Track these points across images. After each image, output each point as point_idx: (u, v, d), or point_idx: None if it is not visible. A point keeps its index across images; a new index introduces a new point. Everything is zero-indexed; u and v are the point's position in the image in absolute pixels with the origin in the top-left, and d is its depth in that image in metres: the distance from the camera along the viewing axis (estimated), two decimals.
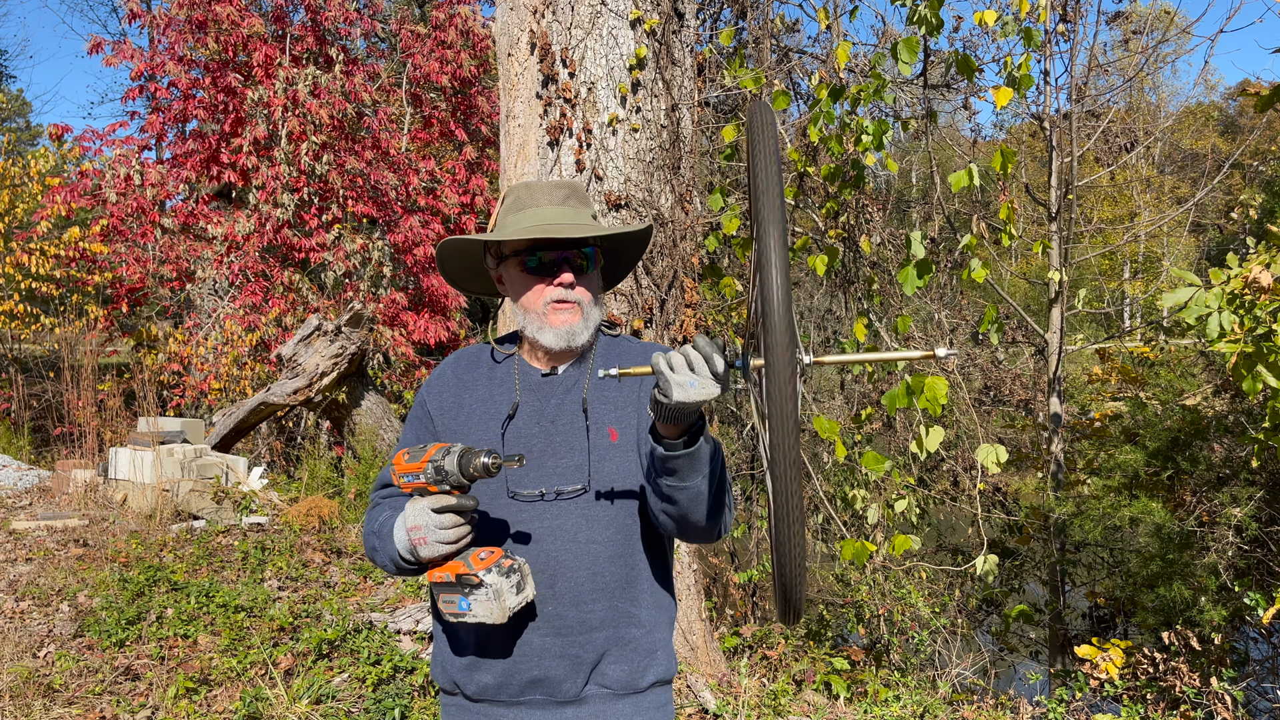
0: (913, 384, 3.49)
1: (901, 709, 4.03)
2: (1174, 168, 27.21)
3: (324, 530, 5.53)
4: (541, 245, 1.54)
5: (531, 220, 1.55)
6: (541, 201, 1.58)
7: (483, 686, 1.54)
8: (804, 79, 7.10)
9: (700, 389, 1.20)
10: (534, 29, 3.92)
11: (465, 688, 1.56)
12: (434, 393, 1.67)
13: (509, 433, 1.58)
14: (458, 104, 13.58)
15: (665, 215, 4.06)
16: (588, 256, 1.57)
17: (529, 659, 1.51)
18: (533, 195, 1.59)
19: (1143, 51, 8.84)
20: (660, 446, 1.34)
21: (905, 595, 5.73)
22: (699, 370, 1.22)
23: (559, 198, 1.59)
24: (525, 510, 1.53)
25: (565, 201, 1.58)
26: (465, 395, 1.65)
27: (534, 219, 1.55)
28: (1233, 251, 4.37)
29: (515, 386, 1.62)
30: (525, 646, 1.52)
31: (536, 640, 1.51)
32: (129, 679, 3.57)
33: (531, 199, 1.59)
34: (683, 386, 1.21)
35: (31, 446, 8.68)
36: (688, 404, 1.22)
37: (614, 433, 1.57)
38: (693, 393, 1.21)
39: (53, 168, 11.14)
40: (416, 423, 1.68)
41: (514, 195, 1.62)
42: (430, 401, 1.66)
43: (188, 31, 10.55)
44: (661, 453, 1.34)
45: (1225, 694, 4.28)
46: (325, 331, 7.48)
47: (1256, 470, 5.83)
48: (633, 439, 1.57)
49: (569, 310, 1.56)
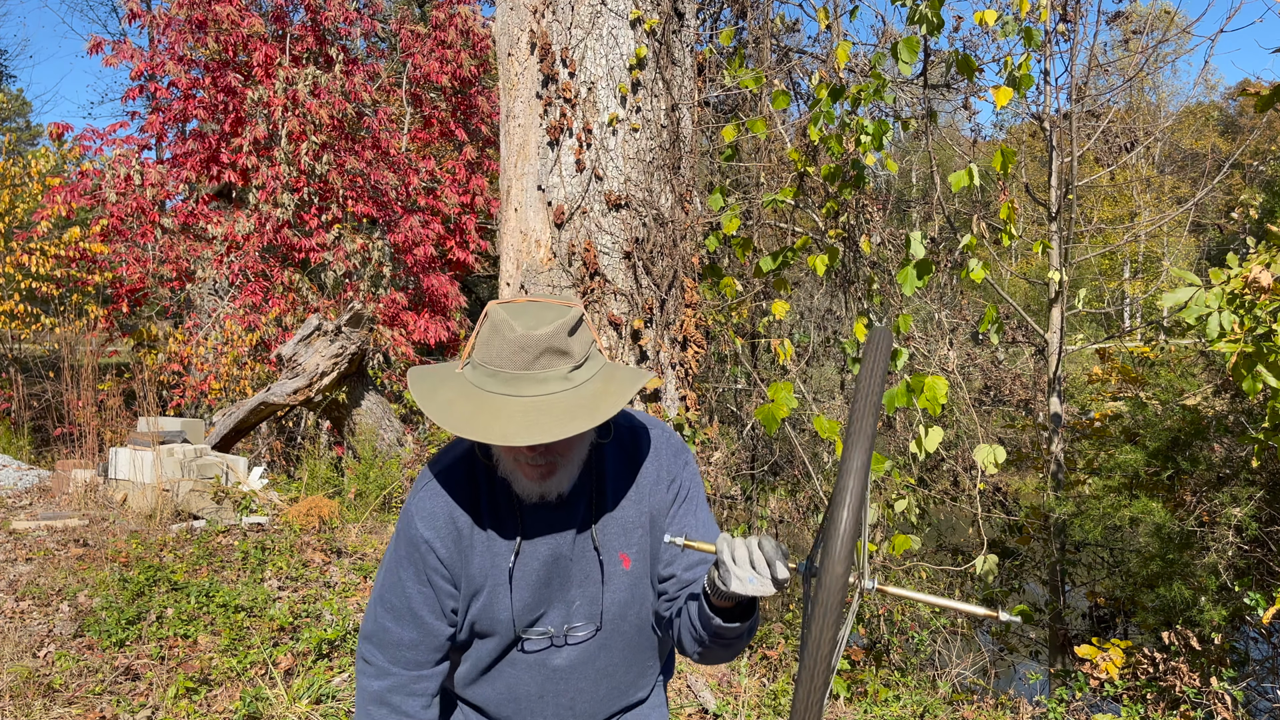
0: (913, 384, 3.49)
1: (901, 709, 4.03)
2: (1174, 168, 27.21)
3: (324, 530, 5.53)
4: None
5: (494, 385, 1.33)
6: (505, 364, 1.32)
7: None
8: (804, 79, 7.10)
9: (758, 587, 1.23)
10: (534, 29, 3.92)
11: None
12: (440, 537, 1.46)
13: (516, 578, 1.47)
14: (458, 104, 13.59)
15: (665, 215, 4.06)
16: None
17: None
18: (499, 353, 1.33)
19: (1143, 51, 8.84)
20: (718, 617, 1.35)
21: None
22: (760, 570, 1.23)
23: (526, 360, 1.32)
24: (537, 657, 1.52)
25: (533, 364, 1.32)
26: (465, 537, 1.47)
27: (498, 385, 1.33)
28: (1233, 251, 4.37)
29: (517, 516, 1.47)
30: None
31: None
32: (129, 679, 3.57)
33: (497, 358, 1.33)
34: (741, 581, 1.23)
35: (31, 446, 8.68)
36: (742, 596, 1.25)
37: (626, 559, 1.50)
38: (750, 588, 1.23)
39: (53, 168, 11.14)
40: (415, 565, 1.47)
41: (485, 335, 1.36)
42: (439, 547, 1.46)
43: (188, 31, 10.56)
44: (718, 624, 1.35)
45: (1225, 694, 4.28)
46: (325, 331, 7.49)
47: (1256, 470, 5.83)
48: (646, 561, 1.53)
49: (540, 469, 1.38)
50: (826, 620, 0.99)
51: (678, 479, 1.55)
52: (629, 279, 4.01)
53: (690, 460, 1.59)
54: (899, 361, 3.95)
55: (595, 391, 1.35)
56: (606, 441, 1.51)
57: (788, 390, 3.57)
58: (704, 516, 1.56)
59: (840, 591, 0.98)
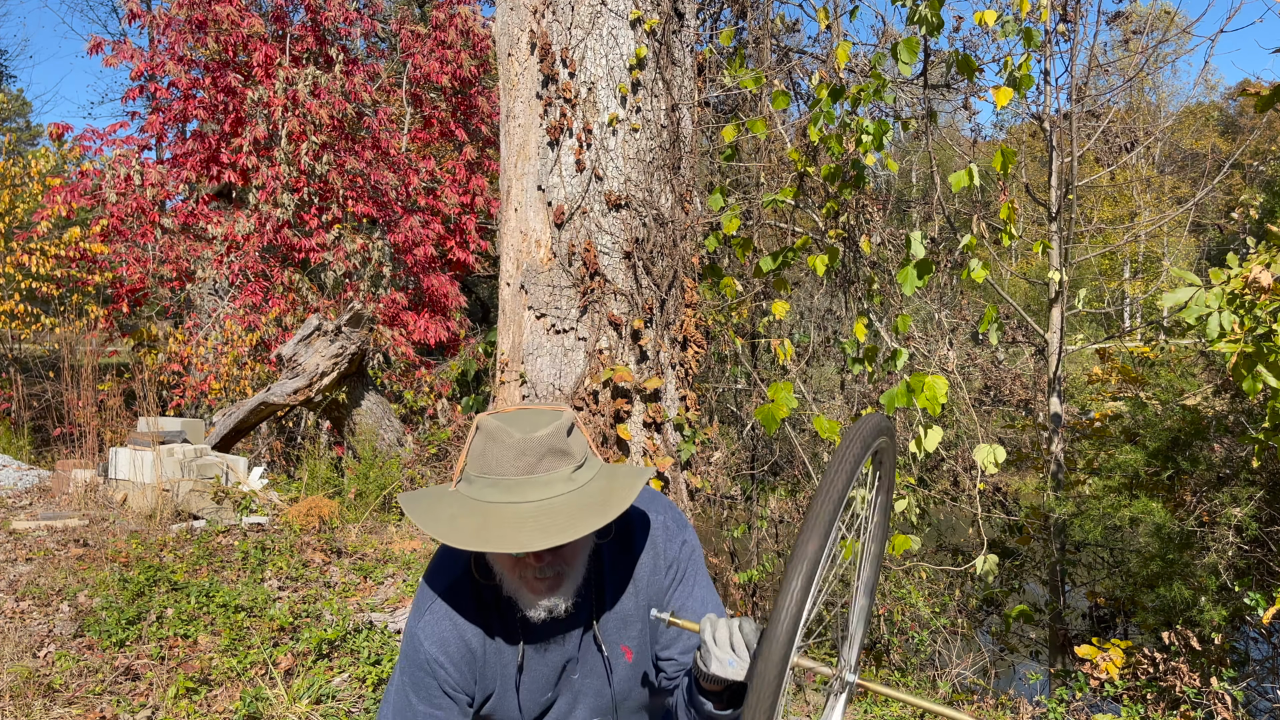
0: (912, 383, 3.49)
1: (901, 709, 4.03)
2: (1174, 168, 27.21)
3: (324, 530, 5.53)
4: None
5: (495, 495, 1.30)
6: (508, 470, 1.30)
7: None
8: (804, 79, 7.10)
9: (736, 670, 1.23)
10: (534, 29, 3.92)
11: None
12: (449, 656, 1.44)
13: (523, 687, 1.47)
14: (458, 104, 13.59)
15: (665, 215, 4.06)
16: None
17: None
18: (499, 460, 1.31)
19: (1143, 51, 8.84)
20: (708, 701, 1.35)
21: (905, 595, 5.73)
22: (739, 653, 1.23)
23: (528, 464, 1.30)
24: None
25: (536, 468, 1.30)
26: (478, 655, 1.46)
27: (499, 494, 1.30)
28: (1233, 251, 4.37)
29: (517, 629, 1.45)
30: None
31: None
32: (129, 679, 3.57)
33: (498, 465, 1.31)
34: (721, 662, 1.24)
35: (31, 446, 8.68)
36: (723, 679, 1.25)
37: (629, 652, 1.51)
38: (729, 671, 1.23)
39: (53, 168, 11.14)
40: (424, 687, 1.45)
41: (480, 446, 1.34)
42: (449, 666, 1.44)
43: (188, 31, 10.56)
44: (708, 709, 1.36)
45: (1225, 694, 4.28)
46: (325, 331, 7.49)
47: (1256, 470, 5.83)
48: (648, 650, 1.54)
49: (547, 584, 1.36)
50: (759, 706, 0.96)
51: (675, 563, 1.53)
52: (629, 279, 4.01)
53: (689, 537, 1.56)
54: (899, 361, 3.95)
55: (601, 489, 1.34)
56: (606, 541, 1.48)
57: (788, 390, 3.57)
58: (701, 594, 1.54)
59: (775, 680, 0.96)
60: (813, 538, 0.99)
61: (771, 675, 0.95)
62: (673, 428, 4.21)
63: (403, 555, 5.23)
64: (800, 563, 0.97)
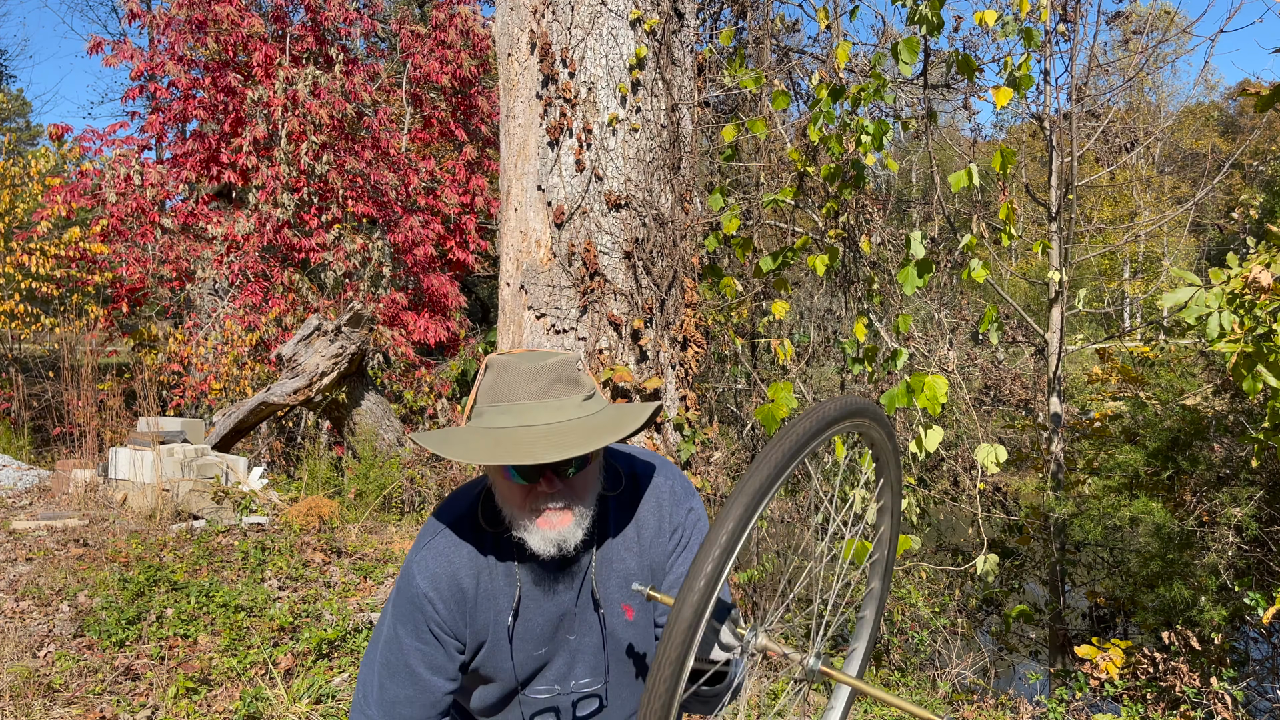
0: (912, 383, 3.49)
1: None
2: (1174, 168, 27.21)
3: (324, 530, 5.53)
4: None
5: (508, 420, 1.33)
6: (520, 394, 1.34)
7: None
8: (804, 79, 7.10)
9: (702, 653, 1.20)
10: (534, 29, 3.92)
11: None
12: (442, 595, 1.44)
13: (516, 635, 1.47)
14: (458, 104, 13.59)
15: (665, 215, 4.06)
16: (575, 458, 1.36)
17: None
18: (511, 386, 1.35)
19: (1143, 51, 8.84)
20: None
21: (905, 595, 5.73)
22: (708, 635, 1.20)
23: (540, 388, 1.34)
24: (545, 700, 1.51)
25: (548, 391, 1.34)
26: (469, 602, 1.46)
27: (510, 418, 1.33)
28: (1233, 251, 4.37)
29: (516, 578, 1.45)
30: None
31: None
32: (129, 679, 3.57)
33: (510, 390, 1.34)
34: None
35: (31, 446, 8.68)
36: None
37: (629, 610, 1.49)
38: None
39: (53, 168, 11.14)
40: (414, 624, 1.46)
41: (492, 377, 1.38)
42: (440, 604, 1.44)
43: (188, 31, 10.56)
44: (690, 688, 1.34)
45: (1225, 694, 4.28)
46: (325, 331, 7.49)
47: (1256, 470, 5.83)
48: (649, 611, 1.52)
49: (558, 514, 1.36)
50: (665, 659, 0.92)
51: (680, 527, 1.53)
52: (629, 279, 4.01)
53: (696, 505, 1.56)
54: (899, 361, 3.95)
55: (611, 417, 1.36)
56: (615, 494, 1.49)
57: (788, 390, 3.57)
58: None
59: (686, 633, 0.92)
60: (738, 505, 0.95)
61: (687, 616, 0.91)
62: (673, 428, 4.21)
63: (403, 555, 5.23)
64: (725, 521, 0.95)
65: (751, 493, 0.95)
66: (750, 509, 0.95)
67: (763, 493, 0.96)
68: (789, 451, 0.99)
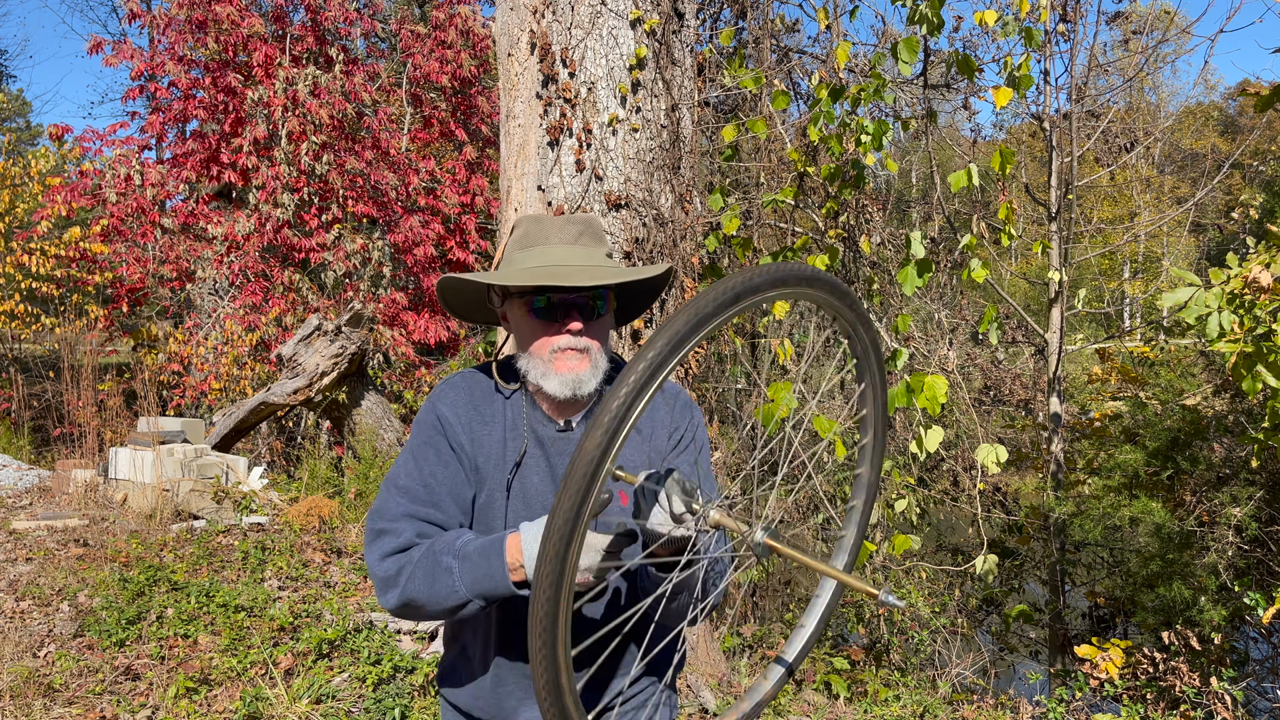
0: (913, 383, 3.49)
1: (901, 709, 4.03)
2: (1174, 168, 27.21)
3: (324, 530, 5.53)
4: (549, 288, 1.42)
5: (539, 260, 1.43)
6: (552, 239, 1.45)
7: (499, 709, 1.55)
8: (804, 79, 7.10)
9: (658, 520, 1.18)
10: (534, 29, 3.92)
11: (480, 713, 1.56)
12: (459, 418, 1.50)
13: (514, 484, 1.48)
14: (458, 104, 13.59)
15: (665, 215, 4.06)
16: (600, 298, 1.45)
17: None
18: (543, 231, 1.46)
19: (1143, 51, 8.84)
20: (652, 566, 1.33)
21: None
22: (662, 505, 1.19)
23: (571, 235, 1.45)
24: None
25: (578, 239, 1.45)
26: (481, 431, 1.51)
27: (542, 258, 1.43)
28: (1233, 251, 4.37)
29: (524, 433, 1.50)
30: None
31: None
32: (129, 679, 3.57)
33: (541, 235, 1.46)
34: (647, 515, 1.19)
35: (31, 446, 8.68)
36: (651, 532, 1.20)
37: (625, 497, 1.50)
38: (652, 520, 1.19)
39: (53, 168, 11.14)
40: (436, 446, 1.49)
41: (522, 229, 1.49)
42: (457, 425, 1.50)
43: (188, 31, 10.56)
44: (653, 572, 1.34)
45: (1225, 694, 4.28)
46: (325, 331, 7.49)
47: (1256, 470, 5.83)
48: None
49: (576, 358, 1.43)
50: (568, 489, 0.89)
51: (681, 428, 1.57)
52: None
53: (698, 418, 1.61)
54: (899, 361, 3.95)
55: (633, 270, 1.44)
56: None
57: (788, 390, 3.57)
58: (703, 471, 1.55)
59: (587, 465, 0.88)
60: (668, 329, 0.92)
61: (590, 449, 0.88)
62: None
63: None
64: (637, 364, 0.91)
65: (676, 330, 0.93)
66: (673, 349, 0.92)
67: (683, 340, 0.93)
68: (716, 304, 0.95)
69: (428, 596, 1.34)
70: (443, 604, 1.34)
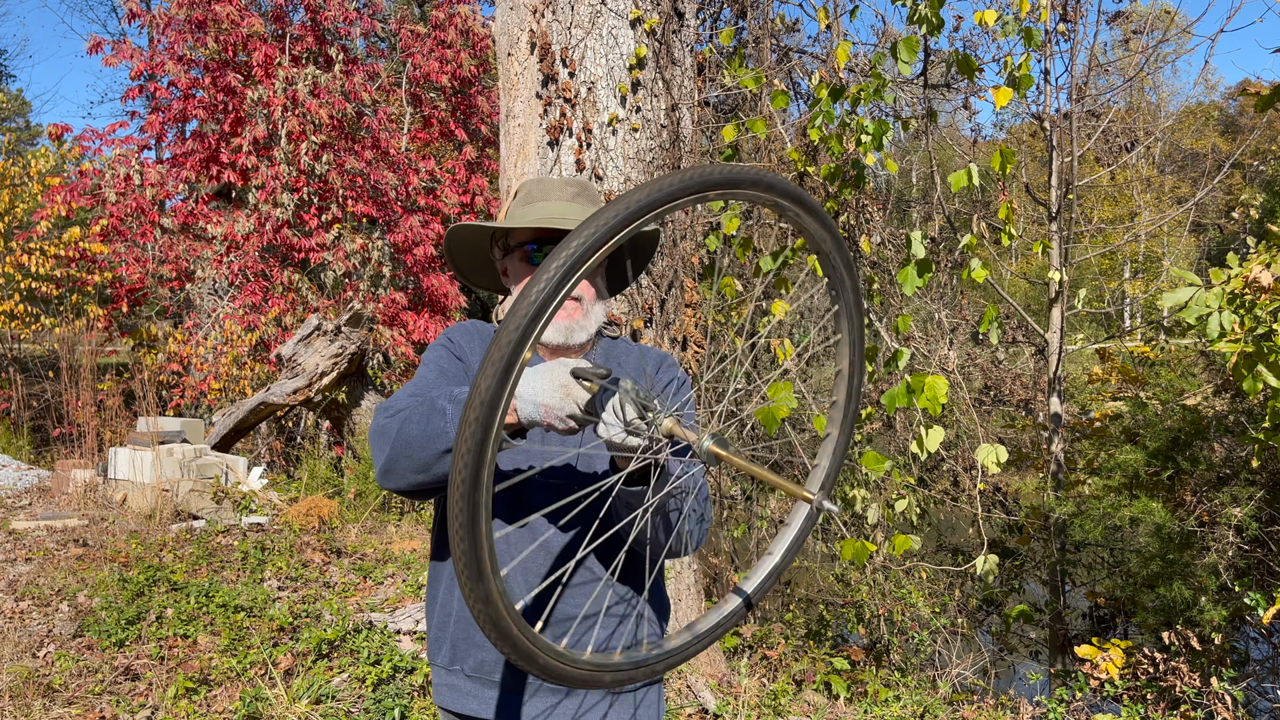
0: (913, 383, 3.49)
1: (901, 709, 4.03)
2: (1174, 168, 27.21)
3: (324, 530, 5.53)
4: (547, 237, 1.55)
5: (540, 213, 1.56)
6: (551, 196, 1.59)
7: (479, 662, 1.55)
8: (804, 79, 7.10)
9: (612, 431, 1.16)
10: (534, 29, 3.92)
11: (464, 664, 1.57)
12: (466, 342, 1.63)
13: None
14: (458, 104, 13.58)
15: None
16: None
17: None
18: (543, 190, 1.60)
19: (1143, 51, 8.84)
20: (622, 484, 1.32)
21: (905, 595, 5.73)
22: (615, 411, 1.17)
23: (569, 194, 1.59)
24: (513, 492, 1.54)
25: (575, 198, 1.59)
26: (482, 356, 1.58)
27: (542, 212, 1.56)
28: (1233, 251, 4.37)
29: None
30: None
31: None
32: (129, 679, 3.57)
33: (542, 193, 1.60)
34: (606, 426, 1.17)
35: (31, 446, 8.68)
36: (606, 441, 1.18)
37: None
38: (603, 430, 1.17)
39: (53, 168, 11.14)
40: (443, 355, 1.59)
41: (524, 190, 1.63)
42: (464, 345, 1.62)
43: (187, 31, 10.56)
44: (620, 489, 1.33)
45: (1225, 694, 4.28)
46: (325, 331, 7.48)
47: (1256, 470, 5.83)
48: None
49: (571, 305, 1.55)
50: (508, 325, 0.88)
51: (661, 372, 1.65)
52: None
53: (682, 376, 1.67)
54: (899, 361, 3.95)
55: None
56: (613, 338, 1.68)
57: (787, 390, 3.57)
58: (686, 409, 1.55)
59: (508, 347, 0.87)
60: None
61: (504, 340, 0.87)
62: None
63: (402, 555, 5.23)
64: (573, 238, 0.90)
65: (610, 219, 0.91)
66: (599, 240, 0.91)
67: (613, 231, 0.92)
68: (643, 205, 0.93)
69: (419, 433, 1.32)
70: (433, 444, 1.31)
